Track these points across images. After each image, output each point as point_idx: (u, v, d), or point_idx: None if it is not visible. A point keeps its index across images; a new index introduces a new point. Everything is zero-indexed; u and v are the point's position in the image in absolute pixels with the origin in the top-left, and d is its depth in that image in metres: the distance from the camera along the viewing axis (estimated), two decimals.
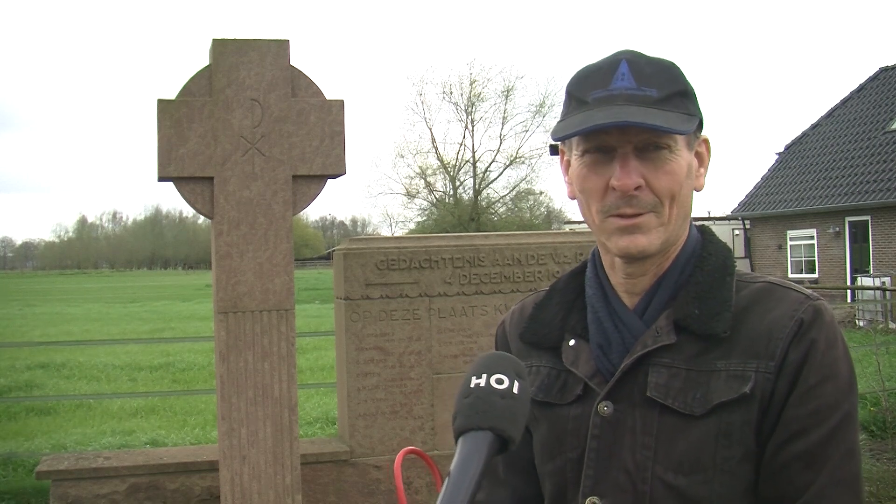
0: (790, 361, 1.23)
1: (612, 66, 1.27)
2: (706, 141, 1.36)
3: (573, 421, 1.33)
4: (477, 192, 45.51)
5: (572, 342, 1.37)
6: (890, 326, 14.81)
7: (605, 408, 1.29)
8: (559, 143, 1.36)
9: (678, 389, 1.25)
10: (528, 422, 1.40)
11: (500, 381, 1.07)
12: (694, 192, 1.34)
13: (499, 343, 1.53)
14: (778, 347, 1.23)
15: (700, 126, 1.32)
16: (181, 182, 3.98)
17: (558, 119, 1.33)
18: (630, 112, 1.21)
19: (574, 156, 1.32)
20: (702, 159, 1.36)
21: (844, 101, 28.50)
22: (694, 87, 1.31)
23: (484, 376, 1.08)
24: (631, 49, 1.31)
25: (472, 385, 1.08)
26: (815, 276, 25.93)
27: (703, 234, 1.40)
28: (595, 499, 1.28)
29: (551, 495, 1.37)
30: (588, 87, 1.28)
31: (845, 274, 24.95)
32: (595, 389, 1.31)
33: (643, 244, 1.27)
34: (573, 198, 1.35)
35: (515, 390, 1.07)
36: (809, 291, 1.30)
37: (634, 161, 1.25)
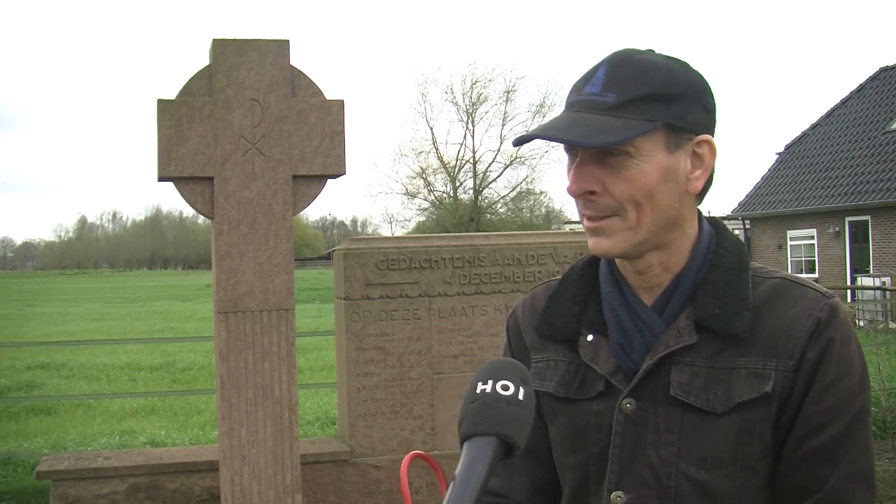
0: (808, 359, 1.26)
1: (595, 69, 1.30)
2: (708, 142, 1.32)
3: (595, 416, 1.35)
4: (477, 192, 45.53)
5: (590, 337, 1.38)
6: (890, 326, 14.81)
7: (629, 405, 1.31)
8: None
9: (700, 387, 1.28)
10: (545, 413, 1.43)
11: (505, 388, 1.08)
12: (691, 194, 1.32)
13: (511, 333, 1.54)
14: (796, 346, 1.26)
15: (688, 129, 1.29)
16: (181, 182, 3.98)
17: None
18: (572, 120, 1.26)
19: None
20: (701, 160, 1.32)
21: (844, 101, 28.49)
22: (684, 88, 1.28)
23: (490, 382, 1.09)
24: (630, 49, 1.31)
25: (478, 391, 1.09)
26: (815, 276, 25.92)
27: (716, 228, 1.40)
28: (620, 493, 1.31)
29: (573, 487, 1.40)
30: (572, 90, 1.32)
31: (845, 274, 24.94)
32: (617, 387, 1.33)
33: (605, 247, 1.30)
34: None
35: (521, 397, 1.08)
36: (825, 289, 1.33)
37: (593, 166, 1.27)
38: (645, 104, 1.25)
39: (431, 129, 49.83)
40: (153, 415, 9.55)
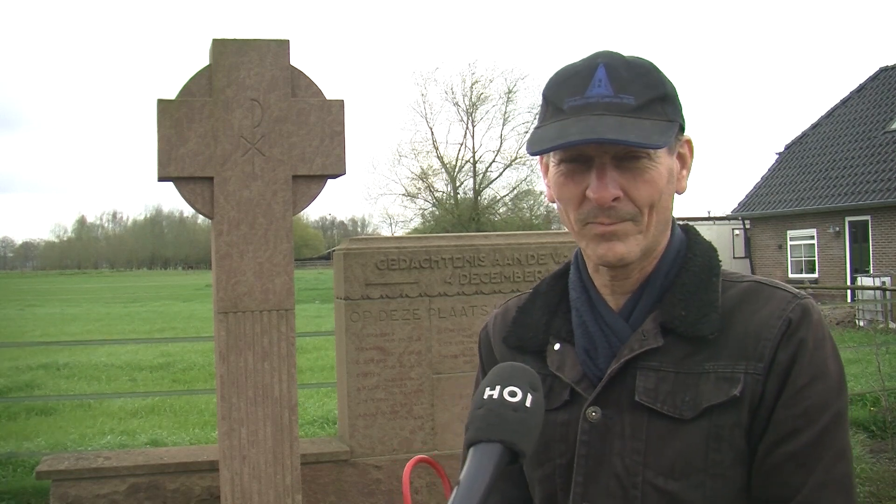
0: (779, 362, 1.22)
1: (589, 71, 1.23)
2: (689, 142, 1.33)
3: (561, 427, 1.32)
4: (477, 193, 45.51)
5: (557, 346, 1.35)
6: (890, 326, 14.82)
7: (594, 413, 1.28)
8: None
9: (667, 393, 1.24)
10: None
11: (513, 394, 1.07)
12: (675, 194, 1.31)
13: (482, 347, 1.51)
14: (766, 348, 1.23)
15: (681, 128, 1.29)
16: (181, 182, 3.98)
17: (535, 125, 1.30)
18: (606, 124, 1.18)
19: (551, 163, 1.29)
20: (684, 161, 1.33)
21: (844, 101, 28.50)
22: (675, 87, 1.28)
23: (497, 388, 1.08)
24: (609, 50, 1.28)
25: (485, 396, 1.08)
26: (815, 276, 25.94)
27: (687, 233, 1.38)
28: None
29: (541, 501, 1.37)
30: (564, 93, 1.24)
31: (845, 274, 24.95)
32: (582, 395, 1.30)
33: (621, 252, 1.25)
34: (553, 201, 1.33)
35: (528, 403, 1.07)
36: (796, 290, 1.29)
37: (612, 172, 1.22)
38: (659, 105, 1.23)
39: (431, 129, 49.81)
40: (153, 415, 9.55)
